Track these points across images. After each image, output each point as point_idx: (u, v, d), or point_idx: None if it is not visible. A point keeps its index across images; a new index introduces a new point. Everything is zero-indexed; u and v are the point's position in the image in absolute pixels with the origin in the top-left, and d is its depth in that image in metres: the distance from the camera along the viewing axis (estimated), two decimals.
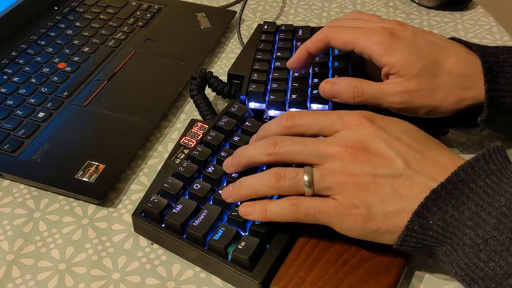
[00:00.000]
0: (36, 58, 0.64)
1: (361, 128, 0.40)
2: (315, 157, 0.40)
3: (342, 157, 0.39)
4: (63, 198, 0.49)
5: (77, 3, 0.75)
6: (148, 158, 0.53)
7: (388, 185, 0.38)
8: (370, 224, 0.38)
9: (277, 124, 0.43)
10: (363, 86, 0.48)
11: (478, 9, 0.76)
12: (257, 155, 0.42)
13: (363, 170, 0.38)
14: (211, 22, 0.72)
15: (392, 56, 0.48)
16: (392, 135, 0.39)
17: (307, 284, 0.39)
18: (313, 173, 0.39)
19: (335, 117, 0.41)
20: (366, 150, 0.39)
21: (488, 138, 0.56)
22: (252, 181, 0.41)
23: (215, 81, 0.58)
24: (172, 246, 0.44)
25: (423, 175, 0.37)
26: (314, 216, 0.39)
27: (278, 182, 0.40)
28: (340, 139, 0.40)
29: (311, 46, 0.52)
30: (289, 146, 0.40)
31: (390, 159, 0.38)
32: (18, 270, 0.43)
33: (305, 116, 0.42)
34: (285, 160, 0.41)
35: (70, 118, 0.56)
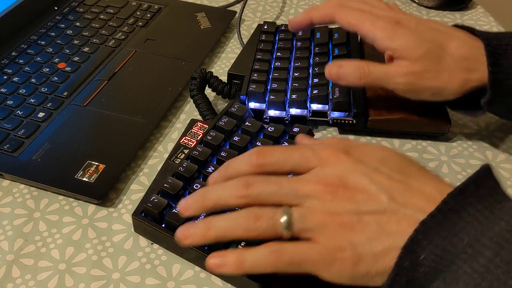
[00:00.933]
0: (36, 58, 0.64)
1: (338, 163, 0.37)
2: (292, 198, 0.36)
3: (321, 196, 0.36)
4: (63, 198, 0.49)
5: (77, 3, 0.75)
6: (148, 158, 0.53)
7: (374, 222, 0.34)
8: (359, 267, 0.34)
9: (246, 162, 0.39)
10: (369, 68, 0.49)
11: (478, 9, 0.76)
12: (226, 197, 0.37)
13: (346, 208, 0.35)
14: (211, 22, 0.72)
15: (394, 41, 0.48)
16: (371, 167, 0.37)
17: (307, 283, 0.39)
18: (292, 213, 0.35)
19: (310, 152, 0.38)
20: (346, 187, 0.36)
21: (487, 137, 0.56)
22: (224, 222, 0.37)
23: (215, 81, 0.58)
24: (172, 246, 0.44)
25: (409, 208, 0.34)
26: (299, 264, 0.35)
27: (255, 223, 0.36)
28: (317, 177, 0.37)
29: (316, 17, 0.54)
30: (263, 187, 0.37)
31: (373, 194, 0.35)
32: (18, 270, 0.43)
33: (276, 153, 0.38)
34: (259, 202, 0.37)
35: (70, 118, 0.56)
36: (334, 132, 0.56)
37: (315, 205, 0.36)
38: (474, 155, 0.54)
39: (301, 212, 0.36)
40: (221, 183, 0.39)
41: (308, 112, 0.55)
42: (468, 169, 0.52)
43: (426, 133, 0.55)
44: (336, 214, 0.35)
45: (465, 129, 0.57)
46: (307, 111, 0.55)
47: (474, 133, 0.56)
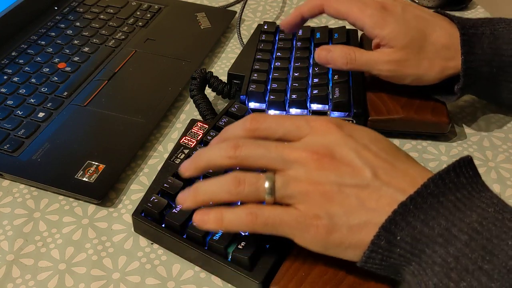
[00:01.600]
0: (36, 58, 0.64)
1: (328, 133, 0.38)
2: (278, 163, 0.37)
3: (307, 164, 0.36)
4: (63, 198, 0.49)
5: (77, 3, 0.75)
6: (148, 158, 0.53)
7: (354, 195, 0.35)
8: (333, 236, 0.35)
9: (240, 126, 0.40)
10: (356, 54, 0.52)
11: (478, 9, 0.76)
12: (216, 157, 0.39)
13: (329, 178, 0.36)
14: (211, 22, 0.72)
15: (383, 29, 0.51)
16: (360, 143, 0.37)
17: (307, 284, 0.39)
18: (275, 179, 0.36)
19: (302, 121, 0.39)
20: (332, 157, 0.36)
21: (487, 137, 0.56)
22: (208, 185, 0.38)
23: (215, 81, 0.58)
24: (172, 246, 0.44)
25: (391, 187, 0.35)
26: (274, 226, 0.36)
27: (237, 188, 0.37)
28: (306, 145, 0.37)
29: (305, 11, 0.56)
30: (251, 150, 0.37)
31: (358, 168, 0.36)
32: (18, 270, 0.43)
33: (269, 120, 0.39)
34: (246, 164, 0.38)
35: (70, 118, 0.56)
36: None
37: (299, 173, 0.36)
38: (474, 155, 0.54)
39: (284, 179, 0.36)
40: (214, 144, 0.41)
41: (308, 112, 0.55)
42: None
43: (426, 133, 0.55)
44: (319, 184, 0.36)
45: (465, 129, 0.57)
46: (307, 111, 0.55)
47: (474, 133, 0.56)
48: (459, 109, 0.59)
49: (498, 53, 0.50)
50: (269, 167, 0.37)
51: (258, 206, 0.37)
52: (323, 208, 0.35)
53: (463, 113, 0.58)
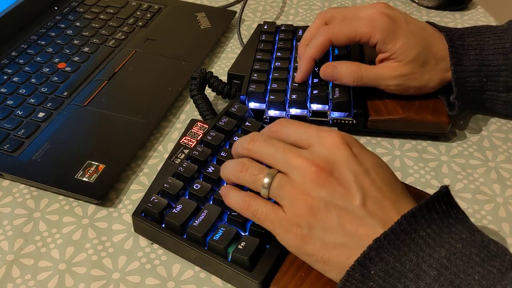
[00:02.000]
0: (36, 58, 0.64)
1: (335, 149, 0.38)
2: (281, 164, 0.39)
3: (305, 173, 0.37)
4: (63, 198, 0.49)
5: (77, 3, 0.75)
6: (148, 158, 0.53)
7: (337, 216, 0.36)
8: (307, 247, 0.37)
9: (267, 128, 0.43)
10: (362, 71, 0.53)
11: (478, 9, 0.76)
12: (238, 147, 0.42)
13: (319, 193, 0.37)
14: (211, 22, 0.72)
15: (395, 44, 0.52)
16: (362, 166, 0.38)
17: (307, 284, 0.39)
18: (274, 177, 0.38)
19: (314, 131, 0.40)
20: (330, 174, 0.37)
21: (487, 137, 0.56)
22: (226, 165, 0.42)
23: (215, 81, 0.58)
24: (172, 246, 0.44)
25: (374, 218, 0.36)
26: (260, 219, 0.39)
27: (239, 173, 0.40)
28: (311, 155, 0.38)
29: (316, 53, 0.54)
30: (262, 146, 0.40)
31: (350, 192, 0.37)
32: (18, 270, 0.43)
33: (289, 125, 0.41)
34: (256, 158, 0.40)
35: (70, 118, 0.56)
36: None
37: (296, 179, 0.38)
38: (474, 155, 0.54)
39: (281, 181, 0.38)
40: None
41: (308, 112, 0.55)
42: (468, 169, 0.52)
43: (426, 133, 0.55)
44: (309, 195, 0.37)
45: (465, 129, 0.57)
46: (307, 111, 0.55)
47: (474, 133, 0.56)
48: None
49: (485, 63, 0.52)
50: (274, 166, 0.39)
51: (254, 197, 0.40)
52: (305, 219, 0.37)
53: (463, 113, 0.58)
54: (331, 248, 0.36)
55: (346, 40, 0.53)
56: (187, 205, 0.44)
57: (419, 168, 0.52)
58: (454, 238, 0.35)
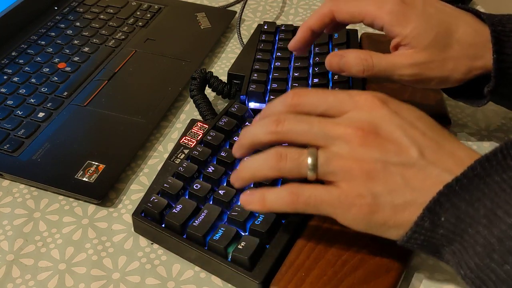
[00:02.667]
0: (36, 58, 0.64)
1: (374, 109, 0.36)
2: (320, 139, 0.36)
3: (351, 140, 0.35)
4: (63, 198, 0.49)
5: (77, 3, 0.75)
6: (148, 158, 0.54)
7: (399, 174, 0.34)
8: (376, 216, 0.35)
9: (282, 102, 0.39)
10: (373, 60, 0.47)
11: (478, 9, 0.76)
12: (258, 134, 0.38)
13: (373, 155, 0.35)
14: (211, 22, 0.72)
15: (405, 27, 0.46)
16: (407, 120, 0.36)
17: (307, 284, 0.39)
18: (318, 155, 0.35)
19: (345, 96, 0.37)
20: (377, 134, 0.35)
21: (487, 137, 0.56)
22: (252, 162, 0.38)
23: (215, 81, 0.58)
24: (172, 246, 0.44)
25: (437, 167, 0.34)
26: (315, 206, 0.36)
27: (279, 163, 0.36)
28: (350, 120, 0.36)
29: (314, 23, 0.49)
30: (293, 125, 0.37)
31: (404, 146, 0.35)
32: (18, 270, 0.43)
33: (312, 94, 0.38)
34: (288, 139, 0.37)
35: (70, 118, 0.56)
36: None
37: (343, 149, 0.35)
38: None
39: (327, 155, 0.35)
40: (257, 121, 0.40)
41: None
42: None
43: None
44: (362, 161, 0.35)
45: (465, 129, 0.57)
46: None
47: (474, 133, 0.56)
48: (459, 109, 0.59)
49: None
50: (312, 143, 0.36)
51: (299, 185, 0.36)
52: (366, 187, 0.35)
53: (463, 113, 0.58)
54: (402, 209, 0.34)
55: (349, 16, 0.48)
56: (187, 205, 0.44)
57: None
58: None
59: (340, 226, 0.42)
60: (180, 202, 0.44)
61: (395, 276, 0.40)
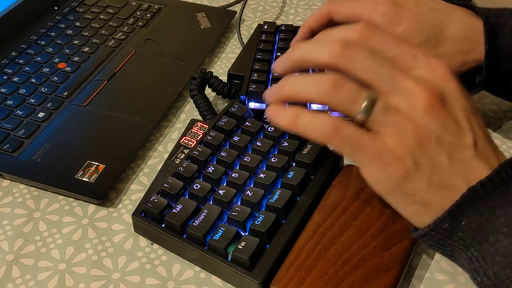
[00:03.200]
0: (36, 58, 0.64)
1: (446, 80, 0.34)
2: (387, 83, 0.33)
3: (417, 99, 0.33)
4: (63, 198, 0.49)
5: (77, 3, 0.75)
6: (148, 158, 0.53)
7: (448, 154, 0.33)
8: (408, 185, 0.33)
9: (350, 28, 0.36)
10: None
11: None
12: (318, 51, 0.35)
13: (432, 125, 0.33)
14: (211, 22, 0.72)
15: (397, 27, 0.47)
16: (471, 105, 0.35)
17: (307, 284, 0.39)
18: (377, 101, 0.33)
19: (420, 53, 0.35)
20: (444, 105, 0.33)
21: None
22: (300, 79, 0.35)
23: (215, 81, 0.58)
24: (172, 246, 0.44)
25: (484, 160, 0.33)
26: (353, 148, 0.33)
27: (333, 90, 0.33)
28: (423, 80, 0.34)
29: (313, 23, 0.51)
30: (362, 55, 0.34)
31: (463, 129, 0.34)
32: (18, 270, 0.43)
33: (385, 34, 0.36)
34: (351, 69, 0.34)
35: (70, 118, 0.56)
36: None
37: (405, 105, 0.33)
38: None
39: (387, 104, 0.33)
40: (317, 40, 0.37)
41: None
42: None
43: None
44: (419, 126, 0.33)
45: None
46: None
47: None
48: None
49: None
50: (375, 83, 0.34)
51: (344, 121, 0.34)
52: (412, 152, 0.33)
53: None
54: (436, 189, 0.33)
55: (345, 17, 0.49)
56: (187, 205, 0.44)
57: None
58: None
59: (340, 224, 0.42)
60: (180, 202, 0.44)
61: (396, 275, 0.40)
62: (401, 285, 0.41)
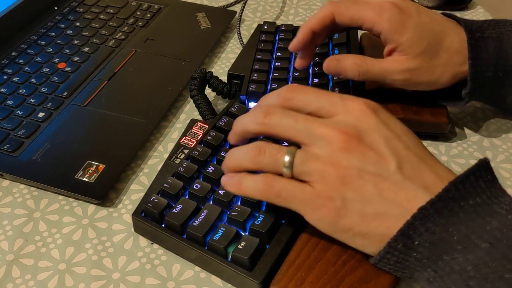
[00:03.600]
0: (36, 58, 0.64)
1: (362, 116, 0.36)
2: (304, 136, 0.36)
3: (333, 142, 0.35)
4: (63, 198, 0.49)
5: (77, 3, 0.75)
6: (148, 158, 0.54)
7: (373, 184, 0.34)
8: (343, 220, 0.35)
9: (276, 94, 0.39)
10: (368, 65, 0.50)
11: (478, 9, 0.76)
12: (248, 123, 0.39)
13: (351, 161, 0.35)
14: (211, 22, 0.72)
15: (402, 35, 0.49)
16: (393, 132, 0.36)
17: (307, 284, 0.39)
18: (295, 154, 0.36)
19: (337, 99, 0.37)
20: (360, 140, 0.35)
21: (487, 137, 0.56)
22: (237, 152, 0.39)
23: (215, 81, 0.58)
24: (172, 246, 0.44)
25: (414, 183, 0.34)
26: (286, 199, 0.36)
27: (258, 157, 0.37)
28: (336, 123, 0.36)
29: (314, 24, 0.51)
30: (280, 118, 0.37)
31: (384, 157, 0.35)
32: (18, 270, 0.43)
33: (306, 91, 0.38)
34: (274, 132, 0.38)
35: (70, 118, 0.56)
36: None
37: (323, 151, 0.35)
38: (474, 155, 0.54)
39: (305, 155, 0.36)
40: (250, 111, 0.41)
41: None
42: None
43: (426, 133, 0.55)
44: (339, 166, 0.35)
45: (465, 129, 0.57)
46: None
47: (474, 133, 0.56)
48: (459, 109, 0.59)
49: (503, 57, 0.49)
50: (295, 138, 0.37)
51: (275, 177, 0.37)
52: (338, 191, 0.35)
53: (463, 113, 0.58)
54: (370, 219, 0.34)
55: (349, 20, 0.50)
56: (187, 205, 0.44)
57: None
58: (505, 208, 0.32)
59: None
60: (180, 202, 0.44)
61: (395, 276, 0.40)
62: (400, 285, 0.41)
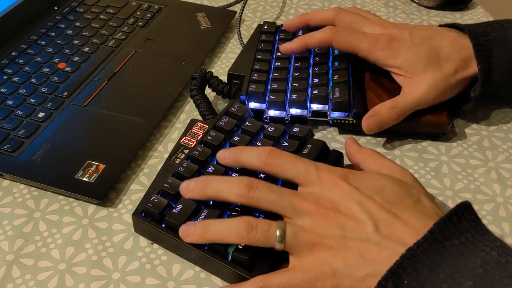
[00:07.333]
0: (36, 58, 0.64)
1: (335, 187, 0.39)
2: (288, 210, 0.39)
3: (315, 217, 0.38)
4: (63, 198, 0.49)
5: (77, 3, 0.75)
6: (148, 158, 0.53)
7: (356, 249, 0.36)
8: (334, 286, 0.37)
9: (257, 157, 0.42)
10: (400, 104, 0.52)
11: (478, 9, 0.76)
12: (228, 193, 0.40)
13: (334, 232, 0.37)
14: (211, 22, 0.72)
15: (396, 59, 0.53)
16: (365, 195, 0.38)
17: None
18: (286, 228, 0.38)
19: (312, 169, 0.40)
20: (338, 211, 0.38)
21: (487, 137, 0.56)
22: (220, 226, 0.40)
23: (215, 81, 0.58)
24: (172, 246, 0.44)
25: (391, 240, 0.36)
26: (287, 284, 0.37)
27: (250, 233, 0.38)
28: (314, 197, 0.39)
29: (313, 44, 0.56)
30: (264, 193, 0.39)
31: (361, 222, 0.37)
32: (18, 270, 0.43)
33: (285, 158, 0.41)
34: (258, 205, 0.39)
35: (70, 118, 0.56)
36: (334, 132, 0.56)
37: (307, 224, 0.38)
38: (474, 155, 0.54)
39: (294, 229, 0.38)
40: (226, 177, 0.43)
41: (308, 112, 0.55)
42: (468, 169, 0.52)
43: (426, 133, 0.55)
44: (324, 237, 0.37)
45: (465, 129, 0.57)
46: (307, 111, 0.55)
47: (474, 133, 0.56)
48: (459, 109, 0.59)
49: (509, 58, 0.51)
50: (281, 212, 0.39)
51: (267, 277, 0.38)
52: (327, 263, 0.37)
53: (463, 113, 0.58)
54: (361, 281, 0.36)
55: (345, 48, 0.55)
56: (187, 205, 0.43)
57: (419, 168, 0.52)
58: (488, 246, 0.34)
59: None
60: (180, 202, 0.44)
61: None
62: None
